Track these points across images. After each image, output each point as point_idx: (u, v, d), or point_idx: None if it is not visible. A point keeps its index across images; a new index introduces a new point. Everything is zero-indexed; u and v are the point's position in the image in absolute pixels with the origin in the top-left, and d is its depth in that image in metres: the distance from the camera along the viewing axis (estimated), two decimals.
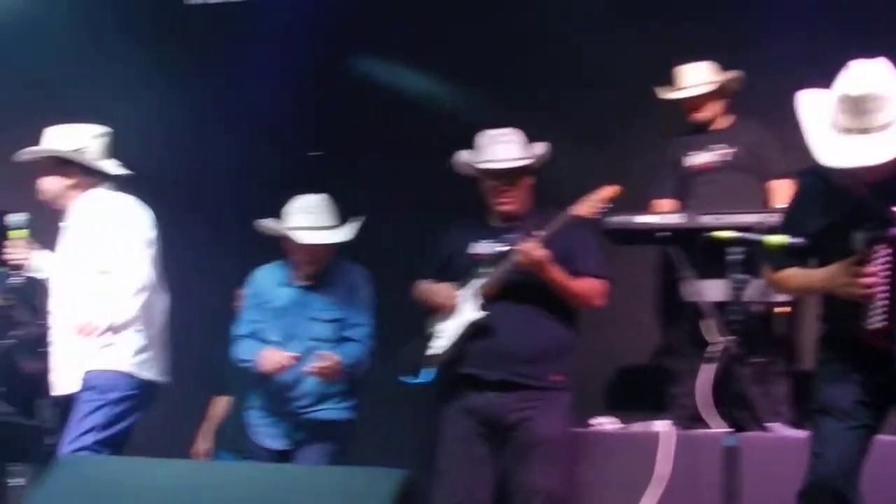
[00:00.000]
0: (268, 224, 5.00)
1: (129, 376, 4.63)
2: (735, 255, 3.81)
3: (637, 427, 4.99)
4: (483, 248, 4.68)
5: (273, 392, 4.99)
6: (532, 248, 4.37)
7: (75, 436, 4.53)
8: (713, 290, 4.73)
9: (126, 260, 4.68)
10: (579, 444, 4.79)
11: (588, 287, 4.56)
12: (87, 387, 4.60)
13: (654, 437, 4.64)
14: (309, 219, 4.95)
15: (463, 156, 4.72)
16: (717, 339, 4.69)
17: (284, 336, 4.97)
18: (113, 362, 4.62)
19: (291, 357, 4.79)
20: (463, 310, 4.59)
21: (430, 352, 4.65)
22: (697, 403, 4.79)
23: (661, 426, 4.83)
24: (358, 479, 2.59)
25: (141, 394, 4.69)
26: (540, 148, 4.70)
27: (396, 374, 4.82)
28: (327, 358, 4.75)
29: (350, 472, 2.76)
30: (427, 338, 4.70)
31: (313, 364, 4.73)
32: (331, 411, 4.96)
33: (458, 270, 4.70)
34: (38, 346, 6.24)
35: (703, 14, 6.15)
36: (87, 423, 4.54)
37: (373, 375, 5.12)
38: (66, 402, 4.72)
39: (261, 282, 5.16)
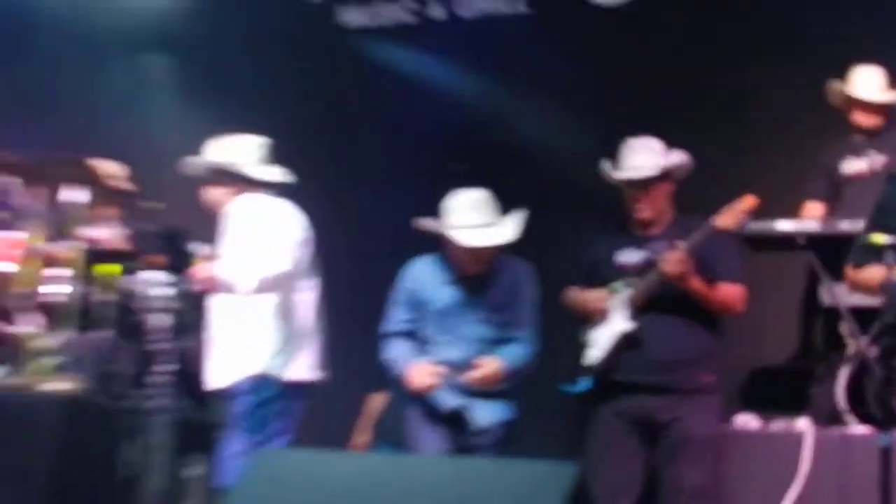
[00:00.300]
0: (428, 223, 4.83)
1: (272, 377, 4.86)
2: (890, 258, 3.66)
3: (778, 426, 5.01)
4: (627, 256, 4.79)
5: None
6: (676, 262, 4.49)
7: (230, 436, 4.96)
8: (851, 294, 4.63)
9: (260, 257, 4.84)
10: (723, 442, 4.85)
11: (728, 294, 4.67)
12: (237, 390, 4.93)
13: (796, 436, 4.66)
14: (471, 217, 4.76)
15: (606, 165, 4.82)
16: (856, 341, 4.70)
17: (446, 337, 4.82)
18: (257, 365, 4.89)
19: (441, 374, 4.69)
20: (614, 319, 4.69)
21: (586, 362, 4.75)
22: (837, 403, 4.78)
23: (803, 425, 4.81)
24: (532, 472, 2.59)
25: (287, 393, 4.89)
26: (676, 156, 4.78)
27: (557, 382, 4.93)
28: (487, 365, 4.63)
29: (524, 465, 2.73)
30: (581, 346, 4.79)
31: (473, 375, 4.64)
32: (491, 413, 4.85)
33: (605, 278, 4.80)
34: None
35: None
36: (240, 425, 4.88)
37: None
38: (230, 399, 5.00)
39: (418, 278, 4.96)
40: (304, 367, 4.97)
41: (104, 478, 6.01)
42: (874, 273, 3.55)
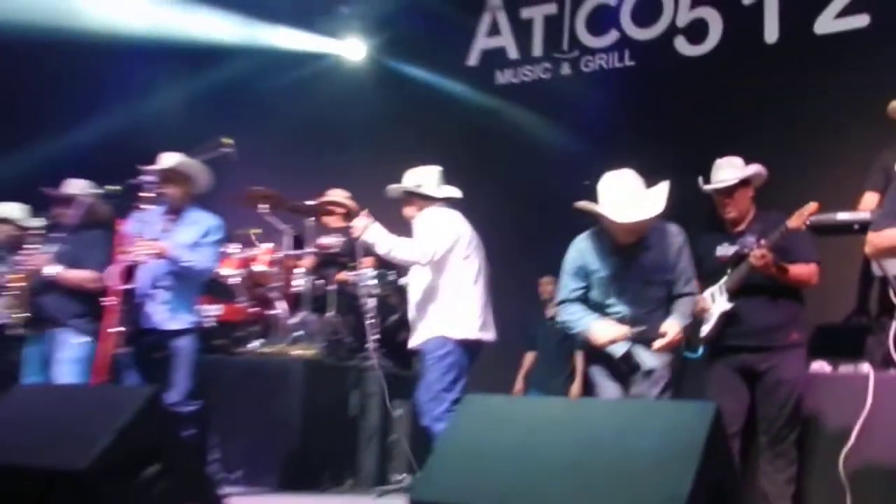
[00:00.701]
0: (585, 204, 4.33)
1: (452, 338, 4.77)
2: None
3: (846, 369, 4.82)
4: (722, 250, 4.71)
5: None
6: (760, 258, 4.42)
7: (421, 385, 4.87)
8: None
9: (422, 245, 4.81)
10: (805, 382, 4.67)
11: (805, 272, 4.57)
12: (425, 350, 4.87)
13: (862, 377, 4.53)
14: (621, 195, 4.26)
15: (699, 179, 4.74)
16: None
17: (613, 300, 4.40)
18: (438, 329, 4.82)
19: (626, 334, 4.24)
20: (717, 301, 4.63)
21: (700, 335, 4.66)
22: (888, 351, 4.70)
23: (866, 368, 4.69)
24: (679, 410, 2.51)
25: (462, 349, 4.79)
26: (752, 168, 4.69)
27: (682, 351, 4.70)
28: (671, 330, 4.20)
29: (673, 405, 2.69)
30: (697, 323, 4.65)
31: (661, 343, 4.19)
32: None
33: (708, 269, 4.72)
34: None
35: None
36: (428, 377, 4.81)
37: None
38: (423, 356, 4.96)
39: (583, 252, 4.45)
40: (477, 329, 4.88)
41: (337, 417, 6.24)
42: (892, 233, 3.40)
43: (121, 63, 7.87)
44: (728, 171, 4.69)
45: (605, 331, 4.24)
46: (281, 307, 6.68)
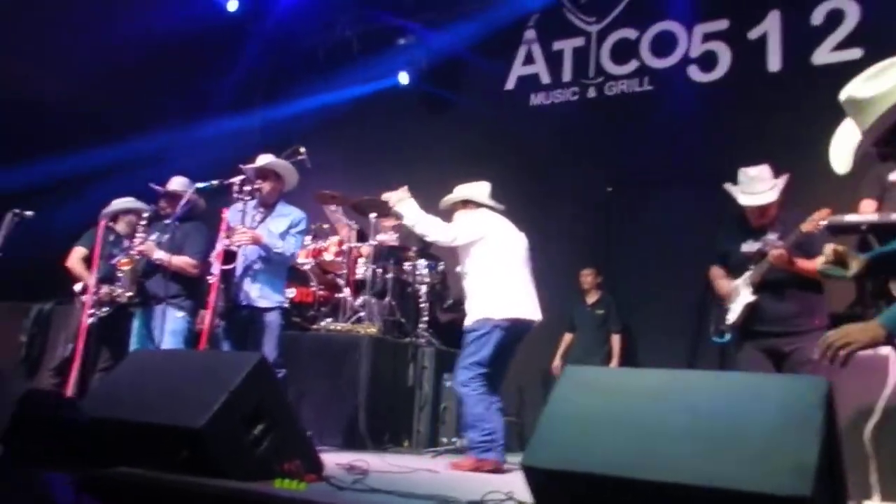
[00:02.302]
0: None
1: (489, 318, 4.53)
2: None
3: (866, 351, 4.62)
4: (748, 246, 4.44)
5: None
6: (779, 256, 4.21)
7: (460, 355, 4.65)
8: None
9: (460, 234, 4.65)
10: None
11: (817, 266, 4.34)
12: (469, 328, 4.63)
13: (882, 357, 4.28)
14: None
15: (730, 188, 4.44)
16: None
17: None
18: (481, 312, 4.60)
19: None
20: (742, 293, 4.38)
21: (727, 322, 4.43)
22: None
23: (886, 350, 4.47)
24: (793, 385, 2.20)
25: (503, 329, 4.54)
26: (782, 181, 4.39)
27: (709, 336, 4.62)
28: None
29: (785, 379, 2.35)
30: (724, 311, 4.47)
31: None
32: None
33: (734, 262, 4.50)
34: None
35: None
36: (466, 349, 4.58)
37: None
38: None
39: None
40: (517, 310, 4.63)
41: (395, 386, 6.03)
42: None
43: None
44: (762, 183, 4.39)
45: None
46: (346, 291, 6.49)
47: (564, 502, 2.11)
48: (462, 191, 4.94)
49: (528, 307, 4.71)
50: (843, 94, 2.39)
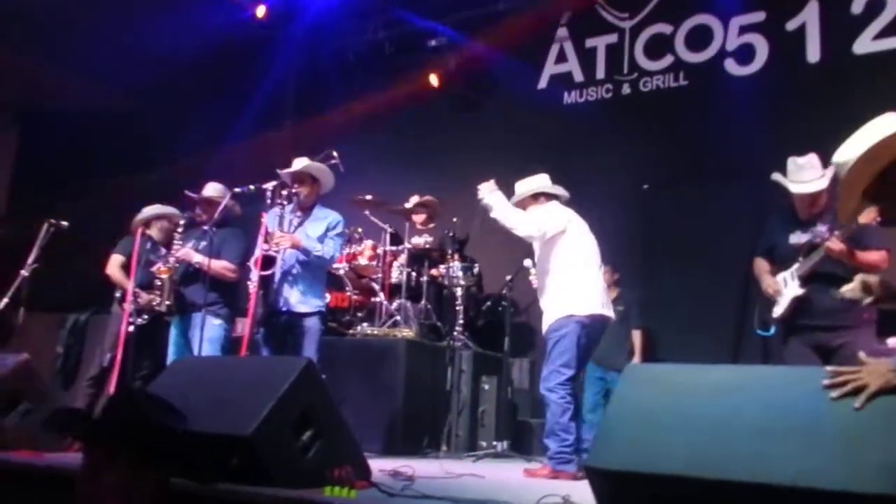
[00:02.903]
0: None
1: (571, 316, 4.33)
2: None
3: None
4: (796, 238, 4.33)
5: None
6: (836, 246, 4.09)
7: (545, 359, 4.42)
8: None
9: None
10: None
11: (876, 258, 4.18)
12: (550, 329, 4.43)
13: None
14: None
15: (778, 177, 4.33)
16: None
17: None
18: (561, 310, 4.40)
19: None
20: (789, 286, 4.27)
21: (773, 315, 4.34)
22: None
23: None
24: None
25: (585, 326, 4.33)
26: (831, 170, 4.08)
27: (753, 326, 4.53)
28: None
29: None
30: (771, 304, 4.36)
31: None
32: None
33: (781, 253, 4.39)
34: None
35: None
36: (551, 353, 4.36)
37: None
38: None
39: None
40: (599, 305, 4.43)
41: (433, 390, 5.97)
42: None
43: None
44: (812, 171, 4.27)
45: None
46: (381, 296, 6.46)
47: None
48: (529, 184, 4.72)
49: (604, 302, 4.54)
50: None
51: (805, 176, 4.27)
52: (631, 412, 2.19)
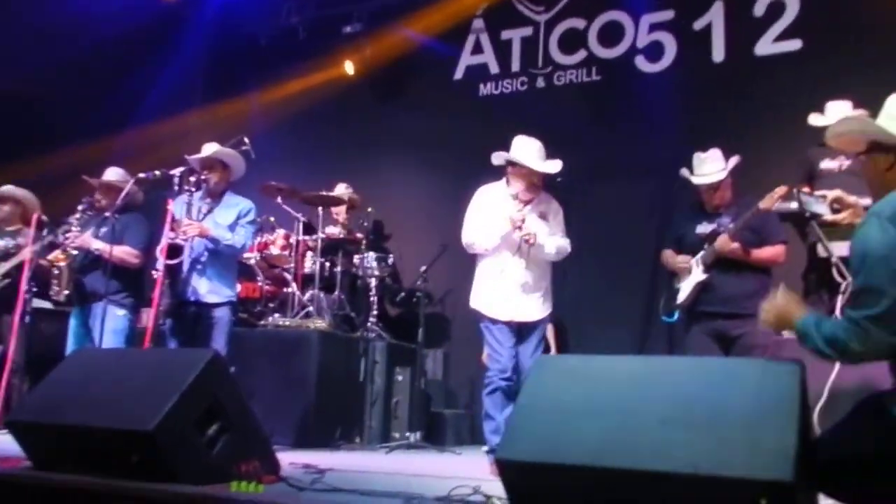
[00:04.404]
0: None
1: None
2: None
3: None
4: (701, 228, 4.49)
5: None
6: (724, 244, 4.25)
7: (531, 352, 4.37)
8: (839, 248, 4.30)
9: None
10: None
11: (773, 252, 4.37)
12: (542, 322, 4.45)
13: None
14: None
15: (685, 172, 4.52)
16: (845, 281, 4.15)
17: None
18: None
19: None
20: (694, 272, 4.42)
21: (677, 301, 4.47)
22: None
23: None
24: (764, 368, 2.10)
25: None
26: (733, 160, 4.44)
27: (659, 315, 4.64)
28: None
29: (758, 363, 2.25)
30: (675, 291, 4.50)
31: None
32: None
33: (688, 243, 4.54)
34: None
35: None
36: (542, 346, 4.41)
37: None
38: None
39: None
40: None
41: (346, 382, 5.89)
42: None
43: None
44: (712, 164, 4.45)
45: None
46: (293, 286, 6.35)
47: (541, 495, 2.06)
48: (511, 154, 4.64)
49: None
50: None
51: (706, 169, 4.43)
52: (540, 404, 2.20)
